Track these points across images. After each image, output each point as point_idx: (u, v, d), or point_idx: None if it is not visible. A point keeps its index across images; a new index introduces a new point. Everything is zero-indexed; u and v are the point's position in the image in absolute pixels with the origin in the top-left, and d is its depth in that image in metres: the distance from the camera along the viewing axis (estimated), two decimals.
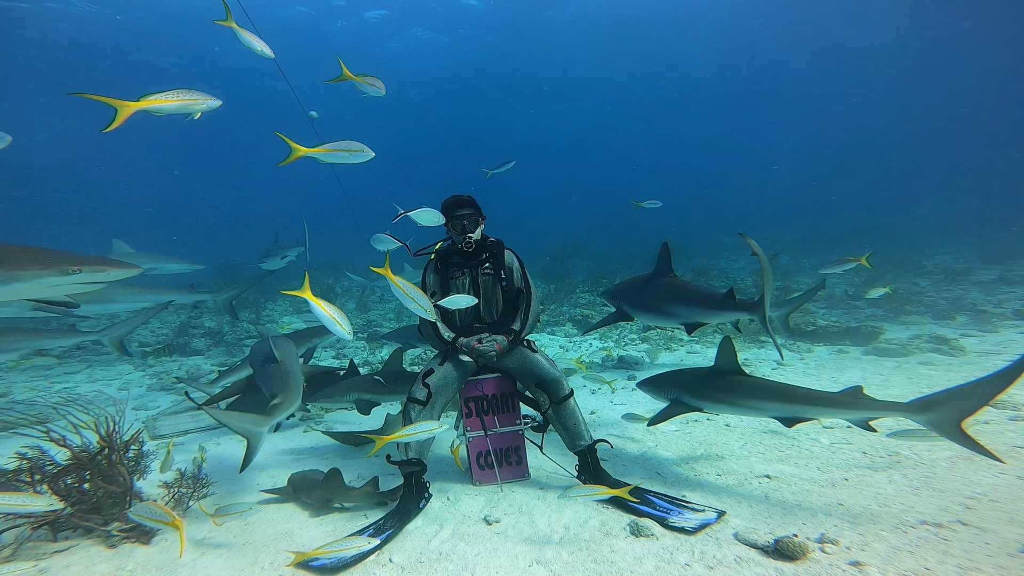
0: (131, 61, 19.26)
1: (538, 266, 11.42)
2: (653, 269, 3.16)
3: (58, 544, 2.26)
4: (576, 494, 2.04)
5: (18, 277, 2.20)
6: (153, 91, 1.94)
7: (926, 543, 1.90)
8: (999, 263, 9.91)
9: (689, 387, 2.65)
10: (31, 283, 2.23)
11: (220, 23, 2.74)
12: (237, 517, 2.45)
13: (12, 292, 2.26)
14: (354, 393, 3.30)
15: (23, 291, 2.28)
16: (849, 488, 2.40)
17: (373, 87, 2.94)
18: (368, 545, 1.95)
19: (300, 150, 1.90)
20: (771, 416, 2.38)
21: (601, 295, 3.90)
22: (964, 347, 5.02)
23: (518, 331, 2.67)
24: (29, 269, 2.21)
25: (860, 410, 2.15)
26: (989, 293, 7.75)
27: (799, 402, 2.28)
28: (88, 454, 2.37)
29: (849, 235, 15.23)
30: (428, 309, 2.04)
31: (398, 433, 2.22)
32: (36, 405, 4.97)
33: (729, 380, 2.48)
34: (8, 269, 2.18)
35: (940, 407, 1.96)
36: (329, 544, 1.94)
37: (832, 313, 7.34)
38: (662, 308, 3.03)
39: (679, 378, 2.78)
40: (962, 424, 1.94)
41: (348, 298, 10.48)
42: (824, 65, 27.55)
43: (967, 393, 1.93)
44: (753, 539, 1.98)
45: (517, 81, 27.37)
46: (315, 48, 19.25)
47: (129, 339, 5.61)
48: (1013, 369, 1.85)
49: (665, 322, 3.20)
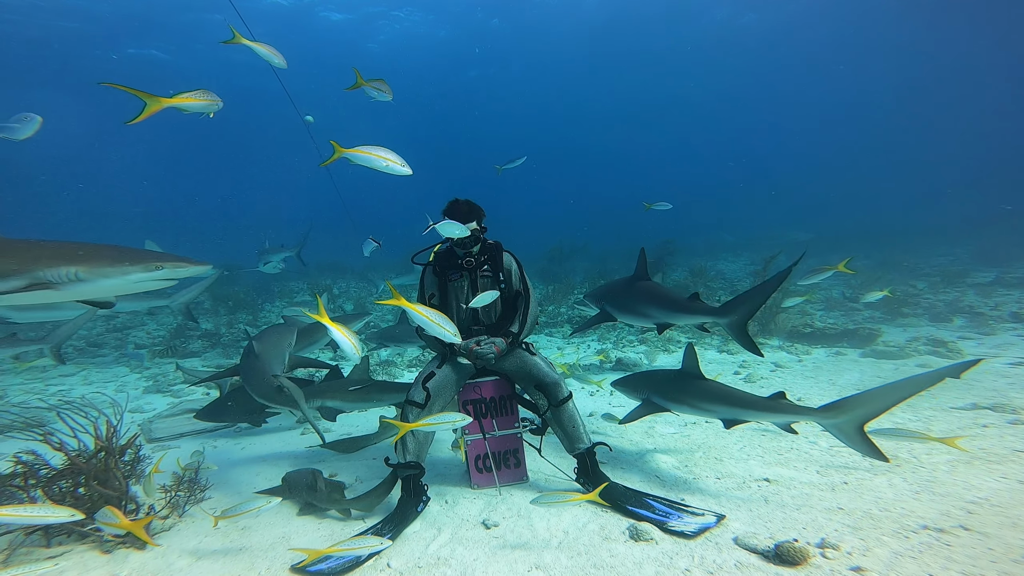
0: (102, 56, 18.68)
1: (536, 267, 11.42)
2: (632, 273, 3.39)
3: (51, 550, 2.24)
4: (544, 501, 2.10)
5: (108, 275, 2.30)
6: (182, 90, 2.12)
7: (929, 549, 1.88)
8: (995, 265, 9.96)
9: (659, 388, 2.80)
10: (119, 280, 2.33)
11: (228, 43, 2.78)
12: (233, 521, 2.43)
13: (101, 290, 2.36)
14: (318, 400, 3.29)
15: (112, 289, 2.38)
16: (849, 492, 2.40)
17: (381, 92, 2.98)
18: (380, 545, 1.94)
19: (340, 149, 1.91)
20: (719, 417, 2.55)
21: (584, 297, 3.96)
22: (961, 350, 5.04)
23: (516, 333, 2.66)
24: (118, 267, 2.31)
25: (781, 414, 2.32)
26: (986, 296, 7.78)
27: (738, 405, 2.47)
28: (84, 458, 2.35)
29: (848, 237, 15.30)
30: (454, 333, 2.09)
31: (422, 422, 2.21)
32: (31, 408, 4.94)
33: (691, 383, 2.65)
34: (99, 267, 2.28)
35: (844, 412, 2.09)
36: (342, 542, 1.92)
37: (830, 315, 7.36)
38: (639, 309, 3.25)
39: (651, 380, 2.94)
40: (864, 427, 2.06)
41: (346, 299, 10.46)
42: (822, 66, 27.65)
43: (870, 399, 2.03)
44: (753, 544, 1.97)
45: (516, 81, 27.28)
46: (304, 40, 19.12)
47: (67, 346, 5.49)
48: (918, 379, 1.97)
49: (642, 322, 3.44)
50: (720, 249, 15.41)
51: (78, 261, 2.28)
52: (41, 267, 2.25)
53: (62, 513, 1.85)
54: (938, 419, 3.36)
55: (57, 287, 2.27)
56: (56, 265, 2.26)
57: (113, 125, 26.57)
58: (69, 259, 2.28)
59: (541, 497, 2.11)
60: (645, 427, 3.59)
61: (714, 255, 14.25)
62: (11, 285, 2.24)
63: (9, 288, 2.24)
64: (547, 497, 2.10)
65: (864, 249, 13.44)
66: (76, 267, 2.27)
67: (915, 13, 20.63)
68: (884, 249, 12.59)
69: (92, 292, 2.37)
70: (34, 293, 2.25)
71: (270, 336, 3.50)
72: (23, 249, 2.33)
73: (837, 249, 13.93)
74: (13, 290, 2.24)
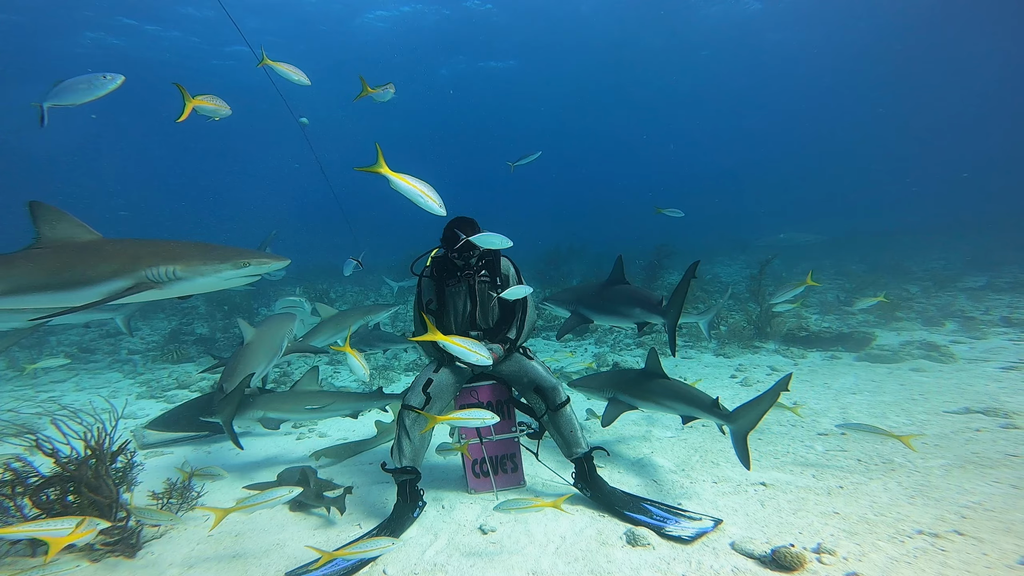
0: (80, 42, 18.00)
1: (533, 270, 11.42)
2: (607, 277, 3.63)
3: (36, 560, 2.19)
4: (508, 507, 2.13)
5: (203, 273, 2.34)
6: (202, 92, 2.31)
7: (924, 554, 1.89)
8: (986, 270, 10.08)
9: (625, 387, 3.00)
10: (212, 278, 2.38)
11: (260, 65, 2.86)
12: (227, 528, 2.40)
13: (196, 287, 2.41)
14: (259, 411, 3.28)
15: (205, 286, 2.43)
16: (844, 496, 2.40)
17: (388, 92, 3.04)
18: (391, 545, 1.92)
19: (384, 169, 1.91)
20: (679, 414, 2.80)
21: (546, 300, 4.02)
22: (954, 354, 5.08)
23: (514, 339, 2.66)
24: (212, 264, 2.36)
25: (717, 417, 2.60)
26: (977, 300, 7.87)
27: (691, 404, 2.72)
28: (73, 464, 2.31)
29: (847, 239, 15.45)
30: (486, 356, 2.26)
31: (451, 416, 2.22)
32: (22, 414, 4.86)
33: (655, 382, 2.88)
34: (195, 266, 2.33)
35: (739, 418, 2.43)
36: (353, 543, 1.89)
37: (824, 319, 7.41)
38: (619, 310, 3.48)
39: (614, 380, 3.12)
40: (747, 434, 2.42)
41: (343, 303, 10.41)
42: (818, 66, 27.86)
43: (751, 409, 2.39)
44: (750, 549, 1.97)
45: (517, 80, 27.07)
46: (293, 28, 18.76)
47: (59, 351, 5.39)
48: (772, 392, 2.33)
49: (621, 323, 3.68)
50: (715, 253, 15.50)
51: (176, 260, 2.32)
52: (143, 267, 2.29)
53: (67, 525, 1.80)
54: (931, 423, 3.39)
55: (159, 287, 2.31)
56: (157, 264, 2.30)
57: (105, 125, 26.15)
58: (167, 258, 2.32)
59: (504, 503, 2.15)
60: (642, 431, 3.59)
61: (710, 259, 14.33)
62: (118, 287, 2.28)
63: (116, 289, 2.27)
64: (510, 503, 2.14)
65: (860, 252, 13.60)
66: (175, 266, 2.31)
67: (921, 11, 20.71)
68: (880, 252, 12.73)
69: (188, 290, 2.41)
70: (138, 294, 2.28)
71: (266, 327, 3.54)
72: (124, 250, 2.36)
73: (831, 253, 14.08)
74: (120, 291, 2.27)
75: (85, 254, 2.35)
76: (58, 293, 2.31)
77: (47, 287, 2.30)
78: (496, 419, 2.22)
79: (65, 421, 2.50)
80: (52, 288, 2.30)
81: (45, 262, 2.32)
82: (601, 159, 47.51)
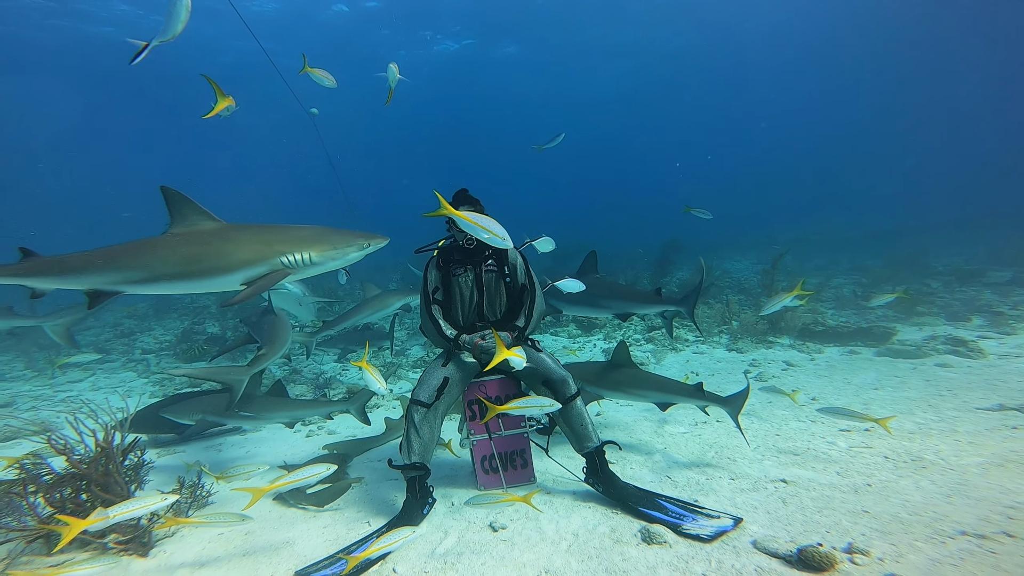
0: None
1: (541, 266, 11.34)
2: (578, 269, 3.79)
3: (52, 558, 2.19)
4: (478, 501, 2.15)
5: (333, 256, 2.49)
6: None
7: (971, 556, 1.76)
8: (1011, 264, 9.71)
9: (592, 378, 3.14)
10: (340, 260, 2.51)
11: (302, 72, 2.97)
12: (237, 526, 2.38)
13: (325, 270, 2.54)
14: (198, 414, 3.34)
15: (333, 267, 2.55)
16: (874, 494, 2.29)
17: (392, 71, 3.12)
18: (413, 534, 1.89)
19: (448, 209, 1.96)
20: (652, 402, 3.03)
21: None
22: (983, 349, 4.88)
23: (522, 328, 2.60)
24: (340, 248, 2.48)
25: (702, 400, 2.89)
26: (1003, 295, 7.57)
27: (670, 391, 2.97)
28: (85, 462, 2.31)
29: (859, 236, 15.07)
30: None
31: (513, 405, 2.22)
32: (41, 412, 4.94)
33: (624, 372, 3.07)
34: (326, 250, 2.44)
35: (733, 403, 2.81)
36: (379, 539, 1.84)
37: (842, 314, 7.21)
38: (596, 302, 3.67)
39: (580, 371, 3.17)
40: (739, 415, 2.81)
41: (351, 300, 10.45)
42: (828, 60, 27.31)
43: (740, 397, 2.81)
44: (774, 548, 1.88)
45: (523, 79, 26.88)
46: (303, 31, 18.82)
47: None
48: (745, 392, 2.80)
49: (597, 313, 3.92)
50: (724, 248, 15.23)
51: (309, 245, 2.38)
52: (279, 254, 2.33)
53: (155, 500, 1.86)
54: (963, 419, 3.24)
55: (294, 271, 2.37)
56: (291, 250, 2.35)
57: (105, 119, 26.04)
58: (300, 243, 2.37)
59: (475, 498, 2.17)
60: (654, 426, 3.50)
61: (720, 253, 14.08)
62: (257, 272, 2.33)
63: (255, 276, 2.32)
64: (481, 498, 2.17)
65: (876, 248, 13.24)
66: (309, 251, 2.37)
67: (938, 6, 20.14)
68: (898, 247, 12.38)
69: (317, 272, 2.50)
70: (271, 278, 2.32)
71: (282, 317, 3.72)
72: (254, 236, 2.41)
73: (845, 249, 13.73)
74: (258, 278, 2.31)
75: (218, 241, 2.38)
76: (195, 281, 2.36)
77: (185, 275, 2.35)
78: (558, 405, 2.26)
79: (80, 419, 2.51)
80: (190, 276, 2.35)
81: (181, 250, 2.36)
82: (609, 155, 47.17)
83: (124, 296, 2.49)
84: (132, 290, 2.43)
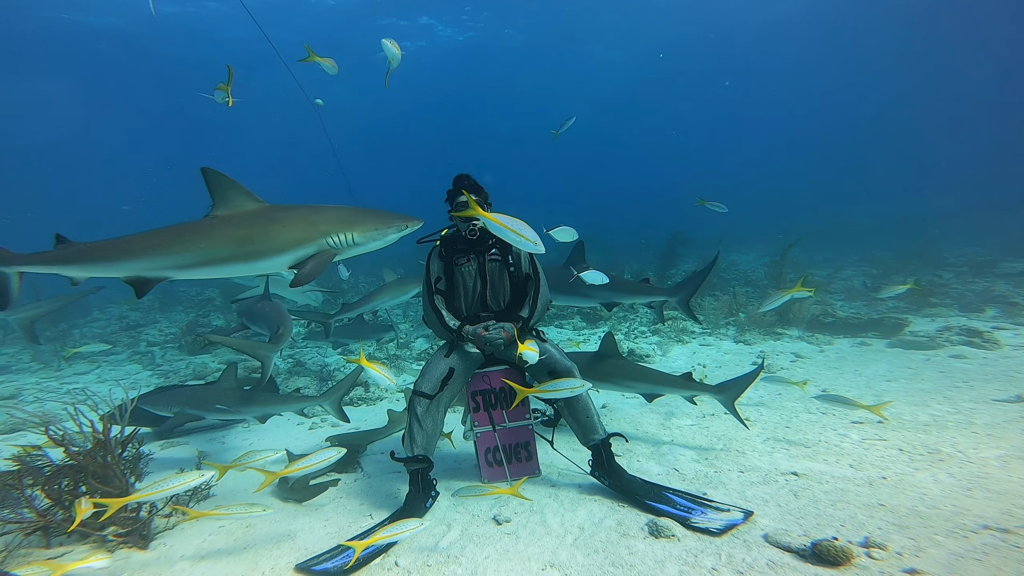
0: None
1: (546, 259, 11.19)
2: (565, 260, 3.78)
3: (51, 551, 2.17)
4: (464, 493, 2.14)
5: (375, 237, 2.48)
6: None
7: (995, 550, 1.70)
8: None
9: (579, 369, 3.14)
10: (381, 241, 2.54)
11: (303, 61, 2.94)
12: (238, 519, 2.36)
13: (366, 250, 2.56)
14: (177, 407, 3.32)
15: (374, 248, 2.57)
16: (889, 488, 2.22)
17: (392, 49, 3.10)
18: (420, 525, 1.86)
19: (479, 211, 1.94)
20: (639, 392, 3.05)
21: None
22: (998, 340, 4.76)
23: (527, 318, 2.53)
24: (381, 229, 2.50)
25: (689, 389, 2.93)
26: (1018, 285, 7.40)
27: (656, 382, 3.00)
28: (82, 454, 2.28)
29: (872, 227, 14.82)
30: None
31: (539, 389, 2.21)
32: (46, 404, 4.96)
33: (611, 364, 3.05)
34: (368, 232, 2.46)
35: (727, 391, 2.84)
36: (382, 529, 1.82)
37: (852, 305, 7.09)
38: (584, 291, 3.62)
39: None
40: (735, 402, 2.85)
41: (354, 294, 10.44)
42: (838, 52, 26.76)
43: (736, 384, 2.84)
44: (786, 542, 1.82)
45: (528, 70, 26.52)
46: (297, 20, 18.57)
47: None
48: (749, 375, 2.84)
49: (584, 303, 3.87)
50: (730, 241, 15.03)
51: (352, 226, 2.39)
52: (325, 234, 2.33)
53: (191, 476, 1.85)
54: (980, 411, 3.15)
55: (339, 252, 2.38)
56: (336, 231, 2.35)
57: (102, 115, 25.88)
58: (344, 224, 2.38)
59: (463, 489, 2.15)
60: (661, 419, 3.44)
61: (727, 245, 13.90)
62: (305, 253, 2.33)
63: (302, 256, 2.32)
64: (468, 489, 2.16)
65: (886, 239, 13.01)
66: (352, 232, 2.38)
67: None
68: (906, 241, 12.15)
69: (358, 252, 2.51)
70: (321, 258, 2.33)
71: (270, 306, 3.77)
72: (300, 216, 2.40)
73: (855, 241, 13.51)
74: (307, 258, 2.31)
75: (266, 223, 2.36)
76: (245, 263, 2.34)
77: (235, 258, 2.32)
78: (589, 385, 2.27)
79: (80, 410, 2.48)
80: (240, 259, 2.32)
81: (231, 232, 2.34)
82: (617, 150, 46.66)
83: (167, 283, 2.45)
84: (179, 275, 2.40)
